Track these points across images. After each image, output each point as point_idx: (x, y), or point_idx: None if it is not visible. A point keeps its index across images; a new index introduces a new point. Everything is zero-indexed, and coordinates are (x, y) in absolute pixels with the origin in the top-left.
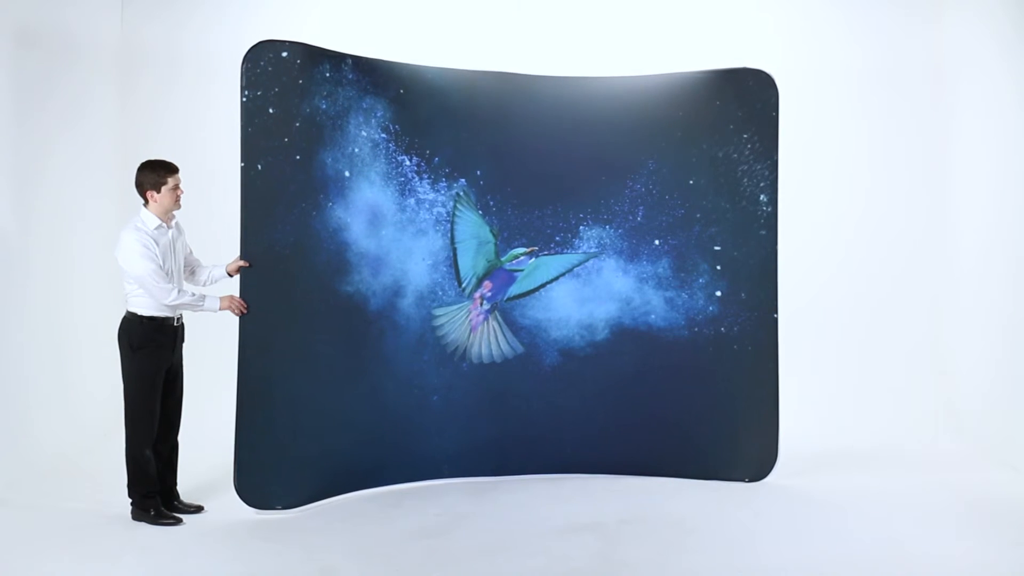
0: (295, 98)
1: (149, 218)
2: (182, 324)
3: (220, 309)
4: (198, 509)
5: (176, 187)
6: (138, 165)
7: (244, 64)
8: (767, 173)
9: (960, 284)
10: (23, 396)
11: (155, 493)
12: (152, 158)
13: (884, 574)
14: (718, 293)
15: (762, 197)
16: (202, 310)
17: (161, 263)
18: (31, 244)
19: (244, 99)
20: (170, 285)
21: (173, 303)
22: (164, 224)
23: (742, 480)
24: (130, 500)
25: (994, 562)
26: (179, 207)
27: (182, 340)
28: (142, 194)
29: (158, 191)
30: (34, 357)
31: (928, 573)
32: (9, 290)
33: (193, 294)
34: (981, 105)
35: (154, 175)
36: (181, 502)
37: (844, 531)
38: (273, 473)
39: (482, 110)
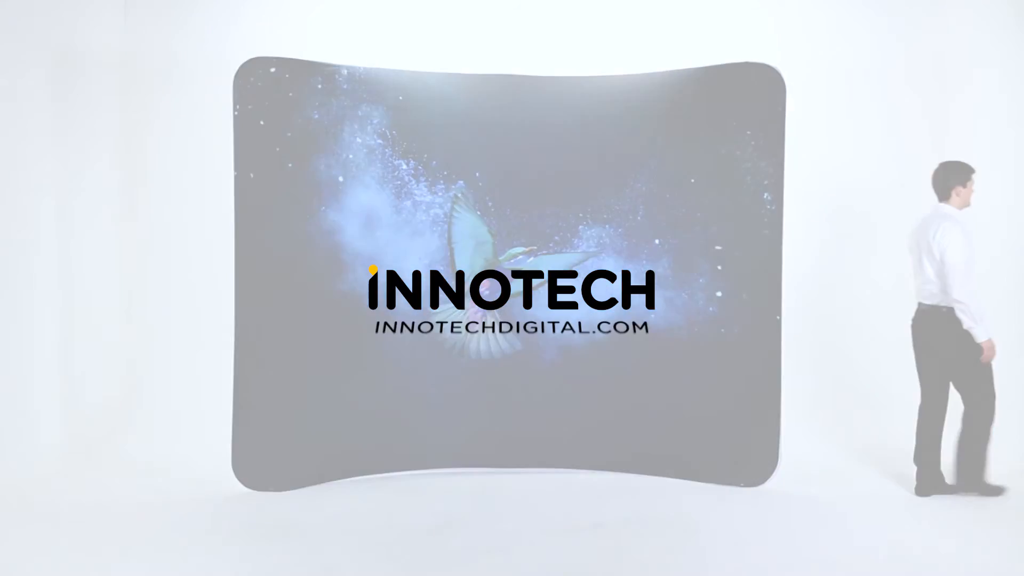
0: (286, 110)
1: (956, 213)
2: None
3: (980, 342)
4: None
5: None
6: (940, 163)
7: (235, 80)
8: (771, 171)
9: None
10: (27, 393)
11: None
12: (951, 160)
13: None
14: (718, 294)
15: (766, 195)
16: (968, 326)
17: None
18: (36, 245)
19: (236, 113)
20: (972, 283)
21: (964, 302)
22: None
23: (737, 485)
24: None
25: (997, 564)
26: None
27: None
28: (946, 188)
29: (964, 186)
30: (38, 356)
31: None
32: (15, 291)
33: (980, 312)
34: (988, 103)
35: (963, 173)
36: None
37: (847, 533)
38: (268, 457)
39: (482, 113)
